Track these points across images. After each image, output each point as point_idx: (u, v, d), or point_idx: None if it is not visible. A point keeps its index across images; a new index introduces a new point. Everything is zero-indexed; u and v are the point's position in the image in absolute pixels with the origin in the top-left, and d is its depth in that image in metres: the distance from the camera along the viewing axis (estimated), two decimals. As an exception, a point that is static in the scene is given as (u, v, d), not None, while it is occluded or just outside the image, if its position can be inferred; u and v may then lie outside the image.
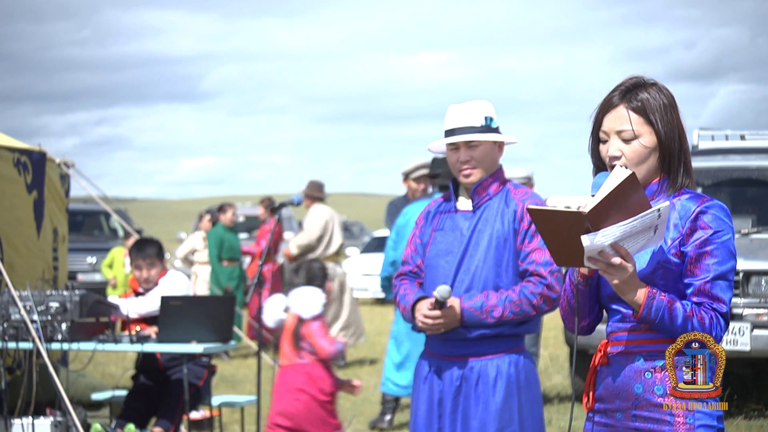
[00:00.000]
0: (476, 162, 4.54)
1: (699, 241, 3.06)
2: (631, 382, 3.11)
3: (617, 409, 3.14)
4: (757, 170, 9.55)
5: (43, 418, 6.88)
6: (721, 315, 3.05)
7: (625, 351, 3.13)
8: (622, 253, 2.94)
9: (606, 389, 3.17)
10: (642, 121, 3.12)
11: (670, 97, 3.17)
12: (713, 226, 3.06)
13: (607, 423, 3.17)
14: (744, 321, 8.20)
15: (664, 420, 3.06)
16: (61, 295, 6.95)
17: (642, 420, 3.09)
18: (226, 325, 7.07)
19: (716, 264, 3.05)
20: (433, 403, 4.54)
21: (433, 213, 4.70)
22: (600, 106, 3.19)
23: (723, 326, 3.05)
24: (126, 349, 7.12)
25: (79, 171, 9.53)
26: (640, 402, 3.09)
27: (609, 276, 2.98)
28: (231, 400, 8.16)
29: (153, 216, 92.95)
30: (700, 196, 3.13)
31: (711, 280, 3.05)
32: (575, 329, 3.20)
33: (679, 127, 3.15)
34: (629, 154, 3.12)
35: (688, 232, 3.07)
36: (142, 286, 7.49)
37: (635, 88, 3.16)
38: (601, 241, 2.91)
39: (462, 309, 4.45)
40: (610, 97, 3.17)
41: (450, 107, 4.59)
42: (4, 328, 6.86)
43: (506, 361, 4.50)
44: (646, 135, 3.12)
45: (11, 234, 8.23)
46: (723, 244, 3.06)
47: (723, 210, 3.11)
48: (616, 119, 3.14)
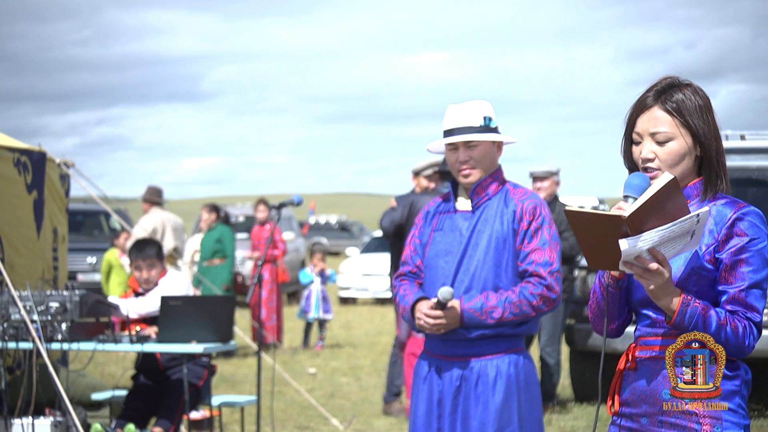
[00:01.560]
0: (475, 162, 4.53)
1: (735, 249, 3.01)
2: (659, 387, 3.07)
3: (644, 414, 3.11)
4: (757, 170, 9.55)
5: (43, 418, 6.88)
6: (755, 324, 3.01)
7: (655, 356, 3.09)
8: (659, 258, 2.89)
9: (633, 393, 3.14)
10: (677, 122, 3.06)
11: (706, 98, 3.11)
12: (749, 234, 3.01)
13: (632, 428, 3.14)
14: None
15: (691, 427, 3.02)
16: (61, 295, 6.96)
17: (668, 426, 3.05)
18: (226, 325, 7.07)
19: (751, 272, 3.00)
20: (432, 403, 4.54)
21: (432, 213, 4.70)
22: (633, 107, 3.13)
23: (756, 335, 3.01)
24: (126, 349, 7.12)
25: (79, 171, 9.51)
26: (668, 407, 3.06)
27: (645, 281, 2.93)
28: (231, 400, 8.16)
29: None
30: (737, 202, 3.07)
31: (746, 289, 3.00)
32: (604, 331, 3.15)
33: (715, 130, 3.09)
34: (663, 156, 3.07)
35: (724, 239, 3.02)
36: (142, 287, 7.50)
37: (670, 88, 3.10)
38: (640, 245, 2.86)
39: (462, 310, 4.44)
40: (644, 97, 3.11)
41: (449, 107, 4.59)
42: (4, 328, 6.86)
43: (506, 362, 4.50)
44: (681, 137, 3.06)
45: (11, 234, 8.23)
46: (759, 252, 3.01)
47: (759, 217, 3.05)
48: (650, 120, 3.08)
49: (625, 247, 2.85)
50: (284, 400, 10.21)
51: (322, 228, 47.58)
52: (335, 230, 47.52)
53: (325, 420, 9.28)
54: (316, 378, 11.96)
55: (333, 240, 43.59)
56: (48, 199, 8.83)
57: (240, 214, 24.52)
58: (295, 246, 23.60)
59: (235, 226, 23.49)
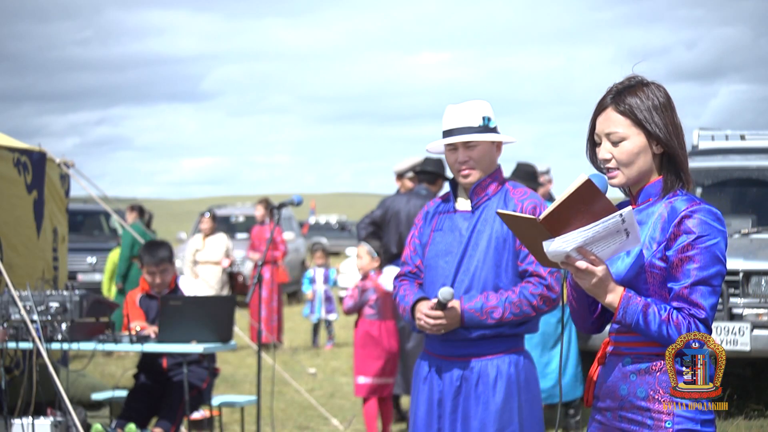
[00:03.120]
0: (474, 162, 4.53)
1: (681, 246, 3.04)
2: (618, 383, 3.13)
3: (608, 408, 3.17)
4: (757, 170, 9.55)
5: (43, 418, 6.87)
6: (700, 321, 3.02)
7: (617, 352, 3.15)
8: (590, 258, 2.95)
9: (600, 388, 3.20)
10: (629, 122, 3.12)
11: (665, 97, 3.15)
12: (697, 231, 3.03)
13: (601, 421, 3.20)
14: (744, 321, 8.19)
15: (644, 423, 3.06)
16: (61, 295, 6.95)
17: (627, 421, 3.11)
18: (226, 325, 7.06)
19: (697, 269, 3.02)
20: (432, 404, 4.54)
21: (432, 213, 4.69)
22: (594, 109, 3.21)
23: (703, 332, 3.01)
24: (126, 349, 7.11)
25: (79, 171, 9.52)
26: (624, 403, 3.11)
27: (579, 280, 3.00)
28: (231, 400, 8.16)
29: (153, 216, 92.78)
30: (692, 200, 3.09)
31: (690, 286, 3.02)
32: (582, 327, 3.28)
33: (674, 127, 3.13)
34: (618, 155, 3.13)
35: (672, 237, 3.05)
36: (155, 290, 7.45)
37: (626, 89, 3.15)
38: (562, 247, 2.93)
39: (462, 310, 4.44)
40: (603, 99, 3.18)
41: (448, 107, 4.58)
42: (4, 328, 6.86)
43: (506, 362, 4.50)
44: (634, 137, 3.11)
45: (11, 234, 8.23)
46: (707, 249, 3.02)
47: (711, 214, 3.06)
48: (605, 122, 3.15)
49: (546, 248, 2.94)
50: (284, 400, 10.21)
51: (322, 228, 47.57)
52: (335, 230, 47.48)
53: (325, 420, 9.28)
54: (316, 378, 11.96)
55: (333, 240, 43.55)
56: (48, 199, 8.83)
57: (240, 214, 24.52)
58: (295, 246, 23.59)
59: (235, 226, 23.58)
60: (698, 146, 10.25)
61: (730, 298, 8.26)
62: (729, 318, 8.26)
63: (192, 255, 15.02)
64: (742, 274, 8.23)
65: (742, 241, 8.68)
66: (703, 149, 10.13)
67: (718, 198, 9.50)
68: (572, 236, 2.92)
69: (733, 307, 8.27)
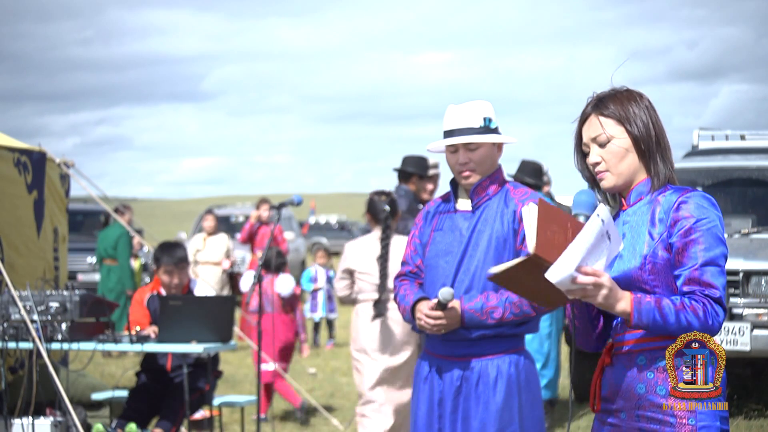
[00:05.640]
0: (475, 164, 4.53)
1: (683, 230, 3.07)
2: (633, 382, 3.12)
3: (621, 409, 3.15)
4: (757, 170, 9.55)
5: (43, 418, 6.88)
6: (715, 300, 3.03)
7: (628, 351, 3.14)
8: (591, 272, 2.93)
9: (610, 390, 3.19)
10: (613, 123, 3.19)
11: (643, 98, 3.24)
12: (695, 215, 3.08)
13: (613, 423, 3.18)
14: (744, 321, 8.19)
15: (666, 421, 3.06)
16: (61, 295, 6.96)
17: (645, 420, 3.09)
18: (226, 325, 7.06)
19: (703, 250, 3.05)
20: (433, 404, 4.54)
21: (433, 213, 4.69)
22: (578, 121, 3.28)
23: (719, 312, 3.03)
24: (126, 348, 7.12)
25: (79, 171, 9.54)
26: (643, 402, 3.10)
27: (591, 299, 2.96)
28: (231, 400, 8.17)
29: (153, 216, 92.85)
30: (683, 189, 3.16)
31: (699, 267, 3.04)
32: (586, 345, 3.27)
33: (654, 125, 3.20)
34: (607, 157, 3.19)
35: (672, 224, 3.09)
36: (173, 291, 7.41)
37: (607, 96, 3.24)
38: (567, 270, 2.88)
39: (462, 310, 4.44)
40: (585, 109, 3.26)
41: (449, 108, 4.58)
42: (4, 328, 6.86)
43: (506, 362, 4.50)
44: (620, 135, 3.19)
45: (11, 234, 8.24)
46: (708, 231, 3.07)
47: (706, 199, 3.13)
48: (590, 128, 3.23)
49: (555, 278, 2.87)
50: (284, 400, 10.21)
51: (322, 228, 47.58)
52: (335, 230, 47.50)
53: (325, 420, 9.29)
54: (316, 378, 11.97)
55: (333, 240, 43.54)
56: (48, 199, 8.84)
57: (240, 214, 24.52)
58: (295, 246, 23.60)
59: (235, 226, 23.58)
60: (698, 146, 10.26)
61: (730, 298, 8.26)
62: (729, 318, 8.25)
63: (192, 255, 15.01)
64: (742, 274, 8.23)
65: (742, 241, 8.67)
66: (703, 149, 10.13)
67: (718, 198, 9.47)
68: (569, 256, 2.88)
69: (733, 307, 8.27)
